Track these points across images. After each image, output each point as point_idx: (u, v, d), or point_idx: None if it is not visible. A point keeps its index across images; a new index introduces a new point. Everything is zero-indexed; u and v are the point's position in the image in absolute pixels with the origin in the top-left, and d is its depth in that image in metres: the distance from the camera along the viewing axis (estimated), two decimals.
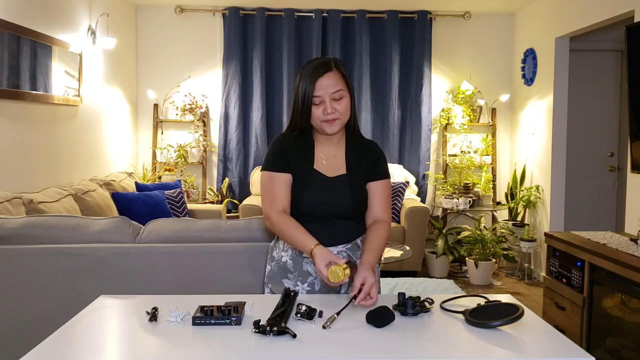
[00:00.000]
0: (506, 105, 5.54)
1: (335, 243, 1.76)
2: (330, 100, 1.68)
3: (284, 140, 1.79)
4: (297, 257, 1.78)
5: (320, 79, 1.67)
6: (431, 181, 5.55)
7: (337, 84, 1.69)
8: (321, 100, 1.69)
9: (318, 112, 1.70)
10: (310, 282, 1.76)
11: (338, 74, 1.70)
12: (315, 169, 1.76)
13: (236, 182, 5.41)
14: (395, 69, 5.38)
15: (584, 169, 5.39)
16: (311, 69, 1.70)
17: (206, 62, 5.46)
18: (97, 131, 4.51)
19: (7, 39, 3.15)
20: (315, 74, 1.68)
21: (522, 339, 1.34)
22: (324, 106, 1.69)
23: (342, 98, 1.70)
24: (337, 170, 1.77)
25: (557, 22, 4.59)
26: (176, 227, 2.45)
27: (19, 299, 2.28)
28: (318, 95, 1.68)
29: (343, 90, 1.70)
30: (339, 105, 1.69)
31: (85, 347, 1.29)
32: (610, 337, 2.78)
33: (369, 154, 1.81)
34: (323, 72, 1.68)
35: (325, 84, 1.67)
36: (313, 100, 1.69)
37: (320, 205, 1.73)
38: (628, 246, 2.78)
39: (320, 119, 1.70)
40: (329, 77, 1.68)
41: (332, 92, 1.68)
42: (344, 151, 1.80)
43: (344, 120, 1.74)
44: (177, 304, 1.53)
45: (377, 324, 1.40)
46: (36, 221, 2.40)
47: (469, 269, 4.78)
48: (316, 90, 1.67)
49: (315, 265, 1.59)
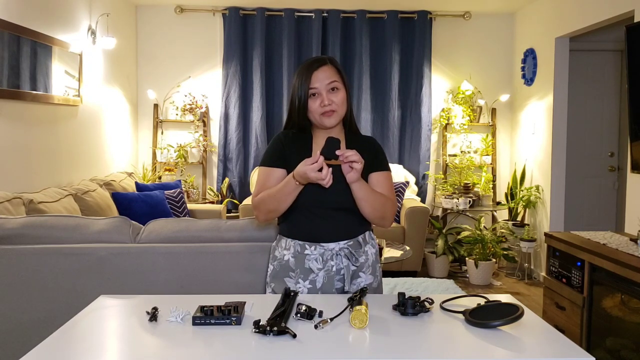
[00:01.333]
0: (506, 105, 5.54)
1: (336, 239, 1.75)
2: (326, 92, 1.72)
3: (283, 137, 1.82)
4: (299, 255, 1.78)
5: (315, 72, 1.72)
6: (431, 181, 5.55)
7: (332, 76, 1.73)
8: (317, 92, 1.72)
9: (315, 105, 1.73)
10: (312, 279, 1.76)
11: (333, 68, 1.75)
12: None
13: (236, 182, 5.41)
14: (395, 69, 5.38)
15: (584, 169, 5.39)
16: (306, 65, 1.76)
17: (206, 62, 5.46)
18: (97, 131, 4.51)
19: (7, 39, 3.15)
20: (311, 68, 1.73)
21: (522, 339, 1.34)
22: (320, 98, 1.72)
23: (338, 90, 1.73)
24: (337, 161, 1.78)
25: (557, 22, 4.59)
26: (176, 227, 2.45)
27: (19, 299, 2.28)
28: (314, 87, 1.72)
29: (338, 82, 1.74)
30: (335, 97, 1.73)
31: (85, 347, 1.29)
32: (610, 337, 2.78)
33: (368, 148, 1.82)
34: (318, 65, 1.73)
35: (320, 77, 1.72)
36: (309, 93, 1.72)
37: (319, 200, 1.72)
38: (628, 246, 2.78)
39: (318, 112, 1.73)
40: (324, 70, 1.73)
41: (327, 84, 1.72)
42: (344, 146, 1.81)
43: (341, 114, 1.76)
44: (177, 304, 1.53)
45: None
46: (36, 221, 2.40)
47: (469, 269, 4.78)
48: (312, 83, 1.72)
49: (302, 174, 1.57)
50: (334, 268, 1.75)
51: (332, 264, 1.75)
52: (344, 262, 1.75)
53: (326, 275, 1.75)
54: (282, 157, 1.77)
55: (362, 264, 1.80)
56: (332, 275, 1.75)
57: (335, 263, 1.75)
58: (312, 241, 1.76)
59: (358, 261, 1.78)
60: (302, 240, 1.77)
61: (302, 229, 1.77)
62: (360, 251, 1.78)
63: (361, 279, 1.79)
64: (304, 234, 1.77)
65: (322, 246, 1.76)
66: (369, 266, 1.82)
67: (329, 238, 1.74)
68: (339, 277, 1.76)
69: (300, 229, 1.77)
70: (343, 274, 1.75)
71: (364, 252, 1.80)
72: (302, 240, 1.77)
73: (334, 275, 1.75)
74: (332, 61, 1.77)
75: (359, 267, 1.79)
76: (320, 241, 1.76)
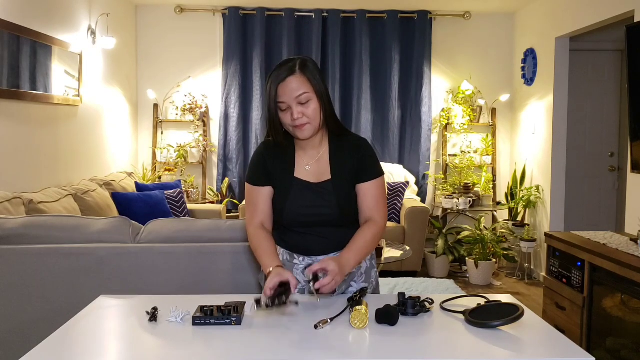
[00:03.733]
0: (506, 105, 5.54)
1: (325, 252, 1.73)
2: (295, 104, 1.60)
3: (264, 150, 1.75)
4: (288, 263, 1.77)
5: (281, 85, 1.59)
6: (431, 181, 5.55)
7: (301, 88, 1.59)
8: (287, 106, 1.61)
9: (286, 118, 1.62)
10: (300, 288, 1.74)
11: (302, 77, 1.60)
12: (296, 177, 1.71)
13: (236, 182, 5.41)
14: (395, 69, 5.38)
15: (584, 169, 5.39)
16: (275, 73, 1.62)
17: (206, 62, 5.46)
18: (97, 131, 4.51)
19: (7, 39, 3.15)
20: (277, 79, 1.60)
21: (522, 339, 1.34)
22: (290, 112, 1.61)
23: (308, 102, 1.60)
24: (322, 175, 1.70)
25: (557, 22, 4.59)
26: (176, 227, 2.45)
27: (19, 299, 2.28)
28: (282, 101, 1.60)
29: (309, 93, 1.60)
30: (306, 109, 1.60)
31: (85, 347, 1.29)
32: (610, 337, 2.78)
33: (354, 154, 1.70)
34: (284, 76, 1.59)
35: (288, 90, 1.59)
36: (279, 107, 1.62)
37: (304, 215, 1.69)
38: (628, 246, 2.78)
39: (290, 125, 1.63)
40: (291, 82, 1.59)
41: (296, 97, 1.59)
42: (328, 154, 1.72)
43: (315, 125, 1.64)
44: (177, 304, 1.53)
45: (390, 323, 1.41)
46: (36, 221, 2.40)
47: (469, 269, 4.78)
48: (279, 97, 1.60)
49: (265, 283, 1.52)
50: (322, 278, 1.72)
51: (320, 276, 1.66)
52: None
53: None
54: (265, 173, 1.73)
55: (352, 274, 1.77)
56: None
57: (323, 275, 1.64)
58: (300, 253, 1.76)
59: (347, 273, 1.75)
60: (291, 251, 1.77)
61: (290, 242, 1.76)
62: None
63: (353, 289, 1.77)
64: (292, 246, 1.76)
65: (311, 258, 1.75)
66: (361, 274, 1.79)
67: (317, 251, 1.72)
68: None
69: (288, 241, 1.77)
70: None
71: None
72: (291, 251, 1.77)
73: None
74: (303, 68, 1.61)
75: (349, 277, 1.76)
76: (308, 254, 1.75)
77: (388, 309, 1.43)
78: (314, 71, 1.63)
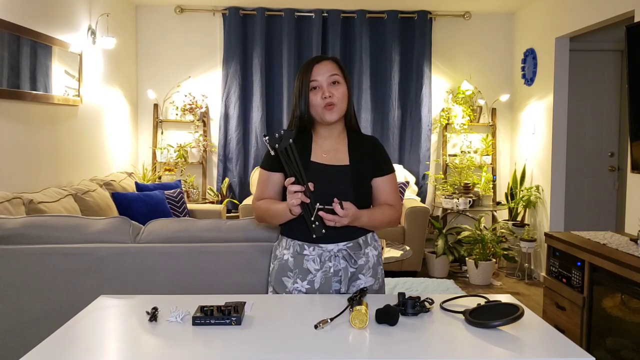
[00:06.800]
0: (506, 105, 5.54)
1: (335, 240, 1.75)
2: (327, 85, 1.73)
3: None
4: (298, 255, 1.77)
5: (316, 65, 1.74)
6: (431, 181, 5.55)
7: (333, 70, 1.75)
8: (318, 85, 1.73)
9: (316, 99, 1.73)
10: (310, 279, 1.76)
11: (336, 64, 1.77)
12: (312, 160, 1.78)
13: (236, 182, 5.41)
14: (395, 69, 5.38)
15: (584, 169, 5.39)
16: (308, 61, 1.78)
17: (206, 62, 5.46)
18: (97, 131, 4.51)
19: (7, 39, 3.15)
20: (312, 62, 1.76)
21: (522, 339, 1.34)
22: (321, 91, 1.72)
23: (339, 84, 1.74)
24: (339, 161, 1.79)
25: (557, 22, 4.59)
26: (176, 227, 2.45)
27: (19, 299, 2.28)
28: (315, 79, 1.73)
29: (339, 76, 1.75)
30: (335, 91, 1.73)
31: (85, 347, 1.29)
32: (610, 337, 2.78)
33: (371, 148, 1.83)
34: (319, 60, 1.76)
35: (321, 70, 1.73)
36: (310, 86, 1.73)
37: (320, 195, 1.67)
38: (628, 246, 2.78)
39: (320, 105, 1.73)
40: (325, 65, 1.75)
41: (328, 77, 1.73)
42: (346, 145, 1.81)
43: (342, 108, 1.76)
44: (177, 304, 1.53)
45: (390, 323, 1.41)
46: (36, 221, 2.40)
47: (469, 269, 4.78)
48: (313, 76, 1.73)
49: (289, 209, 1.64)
50: (332, 269, 1.74)
51: (330, 265, 1.74)
52: (342, 264, 1.75)
53: (324, 276, 1.75)
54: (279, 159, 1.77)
55: (361, 266, 1.78)
56: (330, 277, 1.75)
57: (333, 264, 1.74)
58: (311, 242, 1.76)
59: (357, 263, 1.76)
60: (301, 240, 1.77)
61: (300, 230, 1.76)
62: (359, 253, 1.77)
63: (361, 281, 1.78)
64: (302, 234, 1.77)
65: (320, 247, 1.75)
66: (369, 268, 1.80)
67: (327, 239, 1.73)
68: (337, 278, 1.75)
69: (299, 230, 1.77)
70: (341, 275, 1.75)
71: (364, 254, 1.79)
72: (301, 241, 1.77)
73: (331, 277, 1.75)
74: (335, 59, 1.80)
75: (357, 269, 1.78)
76: (318, 242, 1.75)
77: (388, 309, 1.43)
78: (344, 67, 1.81)
